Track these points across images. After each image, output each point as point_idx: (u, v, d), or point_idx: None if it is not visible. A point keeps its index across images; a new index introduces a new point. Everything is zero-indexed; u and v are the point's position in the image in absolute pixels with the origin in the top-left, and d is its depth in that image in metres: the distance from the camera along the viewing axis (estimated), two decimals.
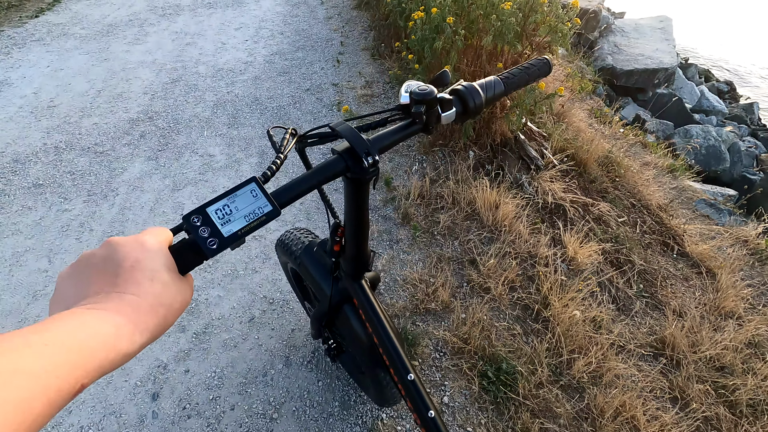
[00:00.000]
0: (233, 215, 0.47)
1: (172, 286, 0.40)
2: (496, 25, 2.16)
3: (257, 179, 0.50)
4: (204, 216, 0.46)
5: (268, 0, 5.02)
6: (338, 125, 0.61)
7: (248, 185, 0.49)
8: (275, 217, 0.49)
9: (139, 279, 0.37)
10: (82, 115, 3.00)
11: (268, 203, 0.49)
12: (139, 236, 0.41)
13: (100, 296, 0.36)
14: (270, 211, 0.48)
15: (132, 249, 0.39)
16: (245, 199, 0.48)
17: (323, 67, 3.61)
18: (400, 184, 2.42)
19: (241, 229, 0.47)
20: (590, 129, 3.23)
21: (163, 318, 0.38)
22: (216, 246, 0.45)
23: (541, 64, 0.76)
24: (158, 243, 0.41)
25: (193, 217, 0.45)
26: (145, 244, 0.40)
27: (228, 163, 2.58)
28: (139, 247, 0.39)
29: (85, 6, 4.80)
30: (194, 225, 0.45)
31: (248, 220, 0.47)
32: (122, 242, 0.40)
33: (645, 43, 5.78)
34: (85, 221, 2.20)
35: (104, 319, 0.33)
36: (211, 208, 0.46)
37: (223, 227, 0.46)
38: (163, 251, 0.41)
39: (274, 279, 1.94)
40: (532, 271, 1.99)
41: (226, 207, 0.47)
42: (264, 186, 0.51)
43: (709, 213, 2.84)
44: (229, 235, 0.46)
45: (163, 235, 0.44)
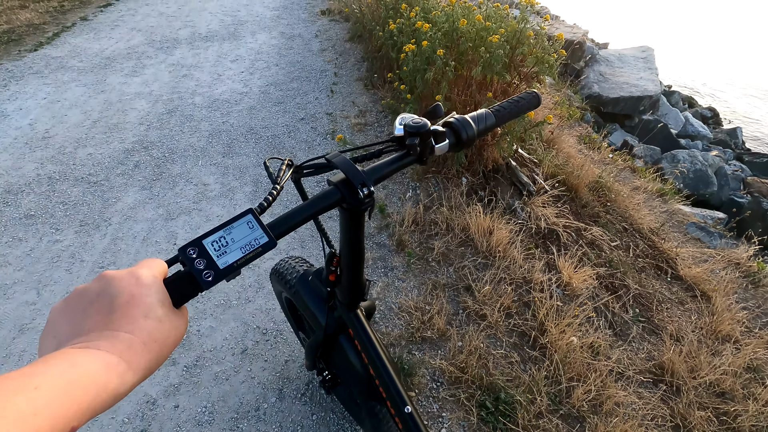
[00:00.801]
0: (229, 247, 0.47)
1: (167, 321, 0.39)
2: (484, 56, 2.23)
3: (254, 211, 0.50)
4: (200, 248, 0.46)
5: (264, 33, 5.16)
6: (334, 157, 0.62)
7: (245, 217, 0.49)
8: (271, 248, 0.49)
9: (133, 315, 0.37)
10: (77, 145, 3.02)
11: (265, 235, 0.49)
12: (134, 269, 0.41)
13: (93, 334, 0.35)
14: (266, 242, 0.49)
15: (127, 284, 0.39)
16: (241, 231, 0.48)
17: (317, 97, 3.68)
18: (394, 211, 2.43)
19: (237, 261, 0.47)
20: (580, 155, 3.29)
21: (157, 354, 0.37)
22: (212, 278, 0.45)
23: (530, 97, 0.78)
24: (153, 276, 0.41)
25: (189, 248, 0.45)
26: (141, 278, 0.40)
27: (222, 192, 2.59)
28: (134, 282, 0.39)
29: (84, 40, 4.91)
30: (190, 257, 0.45)
31: (244, 251, 0.47)
32: (117, 276, 0.39)
33: (629, 71, 5.99)
34: (76, 252, 2.18)
35: (96, 358, 0.33)
36: (207, 240, 0.46)
37: (219, 259, 0.46)
38: (158, 285, 0.41)
39: (267, 308, 1.91)
40: (528, 296, 1.98)
41: (223, 239, 0.47)
42: (260, 217, 0.51)
43: (700, 236, 2.87)
44: (224, 267, 0.46)
45: (158, 267, 0.43)
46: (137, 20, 5.58)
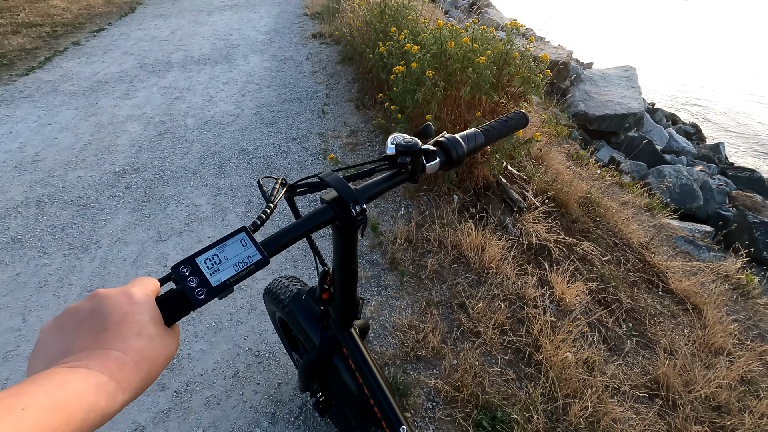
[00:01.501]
0: (222, 264, 0.47)
1: (158, 339, 0.39)
2: (472, 77, 2.29)
3: (247, 229, 0.51)
4: (193, 266, 0.46)
5: (256, 56, 5.24)
6: (327, 175, 0.63)
7: (238, 234, 0.50)
8: (264, 265, 0.49)
9: (125, 334, 0.37)
10: (67, 168, 3.00)
11: (258, 252, 0.49)
12: (127, 288, 0.41)
13: (84, 353, 0.35)
14: (259, 260, 0.49)
15: (119, 302, 0.39)
16: (235, 249, 0.49)
17: (309, 117, 3.72)
18: (386, 229, 2.44)
19: (230, 279, 0.47)
20: (568, 171, 3.35)
21: (147, 373, 0.37)
22: (204, 296, 0.45)
23: (518, 117, 0.81)
24: (145, 295, 0.41)
25: (182, 267, 0.46)
26: (133, 296, 0.40)
27: (214, 213, 2.58)
28: (126, 300, 0.39)
29: (76, 64, 4.94)
30: (182, 275, 0.45)
31: (237, 269, 0.47)
32: (109, 294, 0.39)
33: (613, 90, 6.15)
34: (64, 276, 2.14)
35: (86, 378, 0.32)
36: (200, 257, 0.47)
37: (212, 276, 0.46)
38: (150, 303, 0.41)
39: (260, 330, 1.88)
40: (522, 313, 1.98)
41: (216, 256, 0.47)
42: (254, 235, 0.51)
43: (689, 249, 2.91)
44: (217, 285, 0.46)
45: (151, 285, 0.43)
46: (130, 44, 5.64)
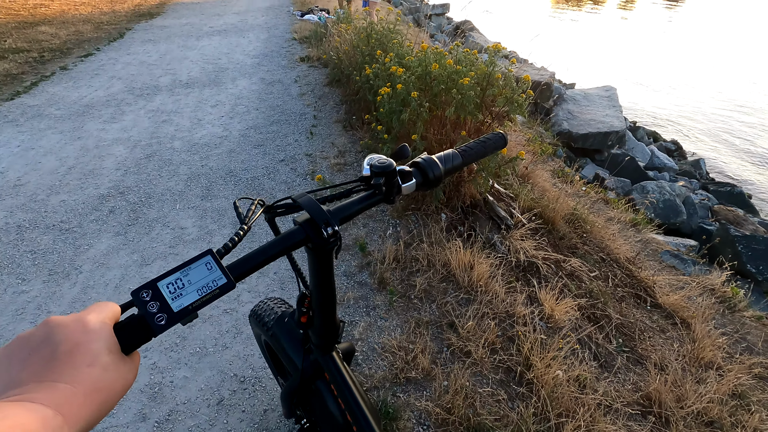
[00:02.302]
0: (185, 289, 0.46)
1: (113, 369, 0.37)
2: (457, 98, 2.33)
3: (213, 252, 0.49)
4: (154, 290, 0.44)
5: (245, 80, 5.29)
6: (300, 197, 0.62)
7: (204, 258, 0.48)
8: (230, 290, 0.48)
9: (76, 364, 0.35)
10: (50, 192, 2.96)
11: (223, 276, 0.48)
12: (82, 314, 0.39)
13: (31, 385, 0.33)
14: (224, 284, 0.47)
15: (72, 330, 0.37)
16: (199, 272, 0.47)
17: (297, 139, 3.74)
18: (374, 248, 2.43)
19: (193, 303, 0.45)
20: (554, 188, 3.39)
21: (100, 405, 0.35)
22: (164, 322, 0.43)
23: (496, 138, 0.82)
24: (101, 322, 0.39)
25: (142, 291, 0.44)
26: (87, 324, 0.38)
27: (200, 235, 2.54)
28: (79, 328, 0.37)
29: (63, 88, 4.93)
30: (143, 300, 0.44)
31: (201, 293, 0.46)
32: (62, 322, 0.37)
33: (595, 109, 6.32)
34: (42, 303, 2.08)
35: (30, 412, 0.30)
36: (162, 282, 0.45)
37: (174, 302, 0.44)
38: (106, 331, 0.39)
39: (245, 355, 1.84)
40: (512, 331, 1.97)
41: (179, 280, 0.46)
42: (222, 258, 0.50)
43: (675, 264, 2.94)
44: (179, 310, 0.44)
45: (109, 311, 0.42)
46: (118, 69, 5.66)
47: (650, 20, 24.77)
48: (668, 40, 18.97)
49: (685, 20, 24.86)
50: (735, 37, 19.53)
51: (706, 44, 17.87)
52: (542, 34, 10.13)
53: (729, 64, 14.61)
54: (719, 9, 30.58)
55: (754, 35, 19.77)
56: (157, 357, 1.82)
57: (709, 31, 21.25)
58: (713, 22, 24.02)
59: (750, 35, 19.77)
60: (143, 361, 1.80)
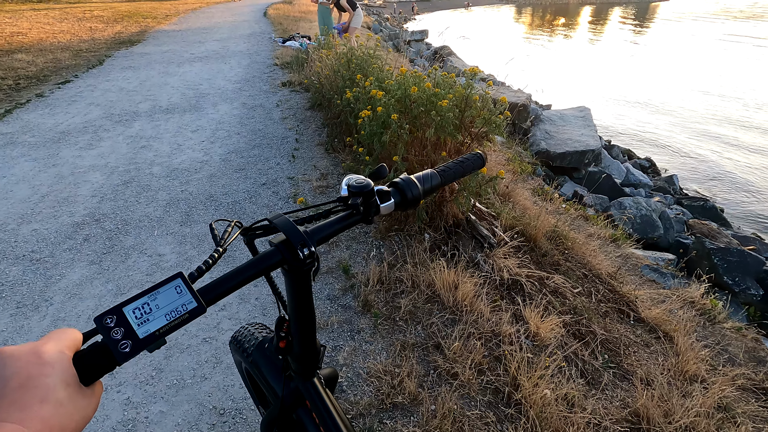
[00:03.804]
0: (153, 314, 0.43)
1: (69, 403, 0.35)
2: (436, 119, 2.37)
3: (183, 275, 0.47)
4: (119, 316, 0.42)
5: (226, 104, 5.30)
6: (275, 217, 0.61)
7: (173, 281, 0.46)
8: (200, 314, 0.46)
9: (27, 401, 0.32)
10: (21, 221, 2.86)
11: (193, 300, 0.45)
12: (38, 344, 0.36)
13: None
14: (195, 308, 0.45)
15: (25, 363, 0.34)
16: (168, 296, 0.45)
17: (279, 162, 3.73)
18: (358, 271, 2.40)
19: (160, 329, 0.43)
20: (535, 206, 3.44)
21: None
22: (129, 349, 0.41)
23: (474, 158, 0.83)
24: (58, 352, 0.37)
25: (106, 317, 0.41)
26: (42, 355, 0.35)
27: (179, 262, 2.48)
28: (33, 360, 0.35)
29: (38, 116, 4.85)
30: (106, 326, 0.41)
31: (168, 318, 0.44)
32: (15, 354, 0.35)
33: (571, 129, 6.52)
34: (8, 338, 1.97)
35: None
36: (128, 307, 0.43)
37: (140, 328, 0.42)
38: (63, 362, 0.36)
39: (225, 385, 1.76)
40: (498, 350, 1.95)
41: (146, 305, 0.43)
42: (195, 281, 0.48)
43: (655, 277, 2.99)
44: (145, 336, 0.42)
45: (69, 339, 0.39)
46: (96, 95, 5.61)
47: (619, 44, 26.01)
48: (636, 62, 19.89)
49: (652, 43, 26.15)
50: (699, 57, 20.60)
51: (672, 64, 18.80)
52: (517, 58, 10.50)
53: (694, 82, 15.35)
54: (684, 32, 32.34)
55: (718, 55, 20.90)
56: (131, 391, 1.74)
57: (675, 52, 22.39)
58: (678, 44, 25.35)
59: (714, 55, 20.89)
60: (116, 396, 1.71)
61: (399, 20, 30.51)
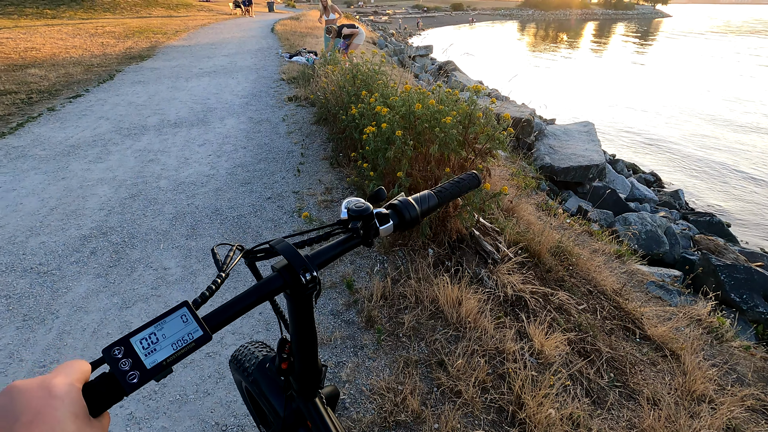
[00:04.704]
0: (160, 343, 0.44)
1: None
2: (440, 136, 2.39)
3: (188, 304, 0.48)
4: (126, 347, 0.43)
5: (233, 119, 5.37)
6: (277, 243, 0.62)
7: (179, 310, 0.47)
8: (205, 342, 0.47)
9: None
10: (30, 234, 2.89)
11: (199, 328, 0.47)
12: (48, 378, 0.37)
13: None
14: (200, 336, 0.46)
15: (34, 397, 0.35)
16: (175, 325, 0.46)
17: (284, 176, 3.77)
18: (362, 286, 2.40)
19: (167, 359, 0.44)
20: (539, 221, 3.44)
21: None
22: (137, 380, 0.42)
23: (470, 177, 0.84)
24: (68, 385, 0.38)
25: (114, 348, 0.43)
26: (53, 389, 0.36)
27: (184, 276, 2.49)
28: (44, 395, 0.36)
29: (49, 129, 4.94)
30: (114, 357, 0.42)
31: (175, 348, 0.45)
32: (25, 389, 0.36)
33: (575, 144, 6.54)
34: (15, 351, 1.98)
35: None
36: (135, 338, 0.44)
37: (147, 358, 0.43)
38: (72, 395, 0.37)
39: (228, 401, 1.76)
40: (502, 368, 1.93)
41: (153, 335, 0.44)
42: (199, 308, 0.49)
43: (661, 294, 2.96)
44: (152, 367, 0.43)
45: (78, 371, 0.40)
46: (106, 110, 5.71)
47: (622, 58, 26.18)
48: (640, 76, 19.99)
49: (655, 58, 26.30)
50: (703, 72, 20.68)
51: (676, 79, 18.87)
52: (521, 74, 10.60)
53: (698, 96, 15.38)
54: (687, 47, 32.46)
55: (722, 69, 20.96)
56: (134, 407, 1.74)
57: (678, 66, 22.49)
58: (681, 59, 25.46)
59: (717, 69, 20.95)
60: (119, 412, 1.71)
61: (404, 36, 30.96)
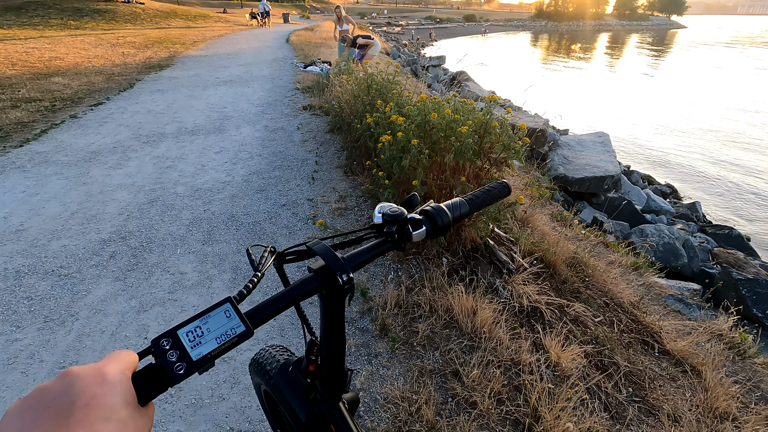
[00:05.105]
0: (205, 337, 0.46)
1: (129, 422, 0.37)
2: (456, 145, 2.40)
3: (232, 299, 0.50)
4: (174, 338, 0.44)
5: (248, 127, 5.46)
6: (314, 244, 0.63)
7: (223, 305, 0.49)
8: (248, 337, 0.48)
9: (92, 420, 0.34)
10: (52, 237, 2.96)
11: (242, 324, 0.48)
12: (101, 365, 0.39)
13: None
14: (243, 331, 0.48)
15: (90, 383, 0.36)
16: (218, 320, 0.47)
17: (299, 184, 3.81)
18: (376, 294, 2.40)
19: (212, 352, 0.45)
20: (554, 232, 3.41)
21: None
22: (183, 371, 0.43)
23: (501, 186, 0.85)
24: (120, 372, 0.39)
25: (162, 339, 0.44)
26: (106, 375, 0.38)
27: (200, 281, 2.52)
28: (98, 380, 0.37)
29: (71, 136, 5.07)
30: (162, 348, 0.43)
31: (219, 342, 0.46)
32: (81, 374, 0.37)
33: (590, 154, 6.48)
34: (35, 351, 2.02)
35: None
36: (182, 330, 0.45)
37: (193, 350, 0.44)
38: (124, 383, 0.39)
39: (243, 407, 1.77)
40: (518, 380, 1.91)
41: (198, 329, 0.46)
42: (239, 305, 0.50)
43: (680, 308, 2.90)
44: (198, 359, 0.44)
45: (128, 360, 0.41)
46: (126, 117, 5.85)
47: (637, 69, 25.99)
48: (655, 87, 19.80)
49: (671, 69, 26.06)
50: (720, 82, 20.41)
51: (692, 90, 18.65)
52: (534, 84, 10.58)
53: (715, 107, 15.16)
54: (703, 58, 32.11)
55: (739, 80, 20.66)
56: None
57: (695, 77, 22.24)
58: (698, 70, 25.18)
59: (735, 81, 20.66)
60: None
61: (417, 46, 31.21)
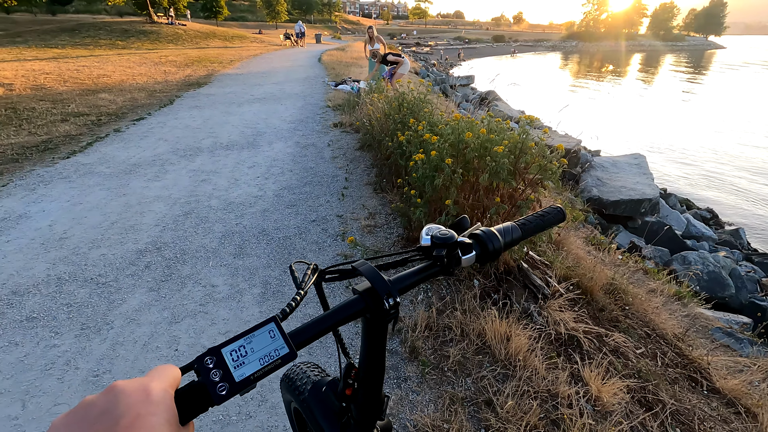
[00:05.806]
0: (248, 357, 0.44)
1: None
2: (490, 165, 2.36)
3: (277, 319, 0.48)
4: (218, 357, 0.43)
5: (280, 143, 5.58)
6: (360, 265, 0.61)
7: (267, 325, 0.46)
8: (291, 360, 0.45)
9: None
10: (92, 246, 3.06)
11: (285, 345, 0.46)
12: (146, 380, 0.38)
13: None
14: (286, 354, 0.45)
15: (135, 401, 0.35)
16: (263, 340, 0.45)
17: (329, 200, 3.83)
18: (405, 315, 2.35)
19: (255, 373, 0.43)
20: (589, 256, 3.28)
21: None
22: (226, 392, 0.41)
23: (555, 212, 0.80)
24: (163, 390, 0.38)
25: (206, 357, 0.42)
26: (151, 393, 0.36)
27: (230, 294, 2.54)
28: (143, 398, 0.36)
29: (114, 148, 5.31)
30: (206, 367, 0.42)
31: (262, 363, 0.44)
32: (127, 390, 0.36)
33: (625, 176, 6.28)
34: (71, 358, 2.07)
35: None
36: (227, 348, 0.43)
37: (236, 371, 0.42)
38: (168, 402, 0.37)
39: (269, 426, 1.74)
40: (555, 413, 1.80)
41: (242, 348, 0.44)
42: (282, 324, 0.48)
43: (729, 343, 2.71)
44: (241, 380, 0.42)
45: (171, 377, 0.40)
46: (165, 132, 6.10)
47: (672, 91, 25.30)
48: (692, 109, 19.18)
49: (709, 90, 25.24)
50: (760, 105, 19.58)
51: (730, 113, 17.95)
52: (566, 104, 10.44)
53: (754, 130, 14.51)
54: (743, 79, 30.99)
55: None
56: None
57: (733, 99, 21.44)
58: (737, 92, 24.28)
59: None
60: None
61: (445, 66, 31.49)
